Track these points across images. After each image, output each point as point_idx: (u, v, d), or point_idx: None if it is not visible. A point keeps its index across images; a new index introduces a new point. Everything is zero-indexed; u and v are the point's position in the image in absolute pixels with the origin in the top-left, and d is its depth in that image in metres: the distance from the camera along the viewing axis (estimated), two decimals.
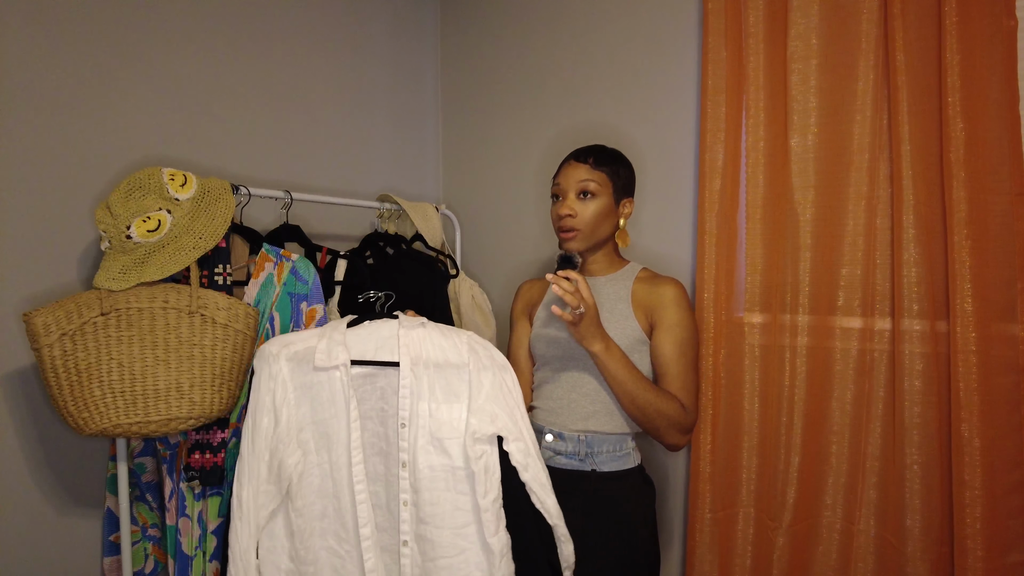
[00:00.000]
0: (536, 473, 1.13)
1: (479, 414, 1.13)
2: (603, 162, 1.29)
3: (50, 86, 1.28)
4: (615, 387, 1.20)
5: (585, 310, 1.12)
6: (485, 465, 1.11)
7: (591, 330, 1.15)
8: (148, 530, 1.36)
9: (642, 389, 1.18)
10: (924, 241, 1.16)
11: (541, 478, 1.14)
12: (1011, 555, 1.09)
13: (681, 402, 1.22)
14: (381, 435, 1.15)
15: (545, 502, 1.13)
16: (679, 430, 1.22)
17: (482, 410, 1.13)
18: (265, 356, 1.14)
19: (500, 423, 1.13)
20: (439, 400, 1.14)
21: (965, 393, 1.09)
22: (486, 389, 1.14)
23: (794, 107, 1.29)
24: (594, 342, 1.17)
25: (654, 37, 1.57)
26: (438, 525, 1.11)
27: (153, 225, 1.15)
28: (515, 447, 1.13)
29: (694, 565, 1.41)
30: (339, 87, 1.84)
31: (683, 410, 1.21)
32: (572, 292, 1.10)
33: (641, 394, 1.18)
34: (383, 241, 1.74)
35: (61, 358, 1.09)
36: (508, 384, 1.17)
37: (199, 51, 1.51)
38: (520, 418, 1.16)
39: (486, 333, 1.76)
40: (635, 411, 1.20)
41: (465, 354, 1.16)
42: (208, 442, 1.24)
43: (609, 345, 1.18)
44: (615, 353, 1.19)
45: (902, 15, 1.16)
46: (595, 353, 1.18)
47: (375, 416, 1.15)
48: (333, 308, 1.50)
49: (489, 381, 1.15)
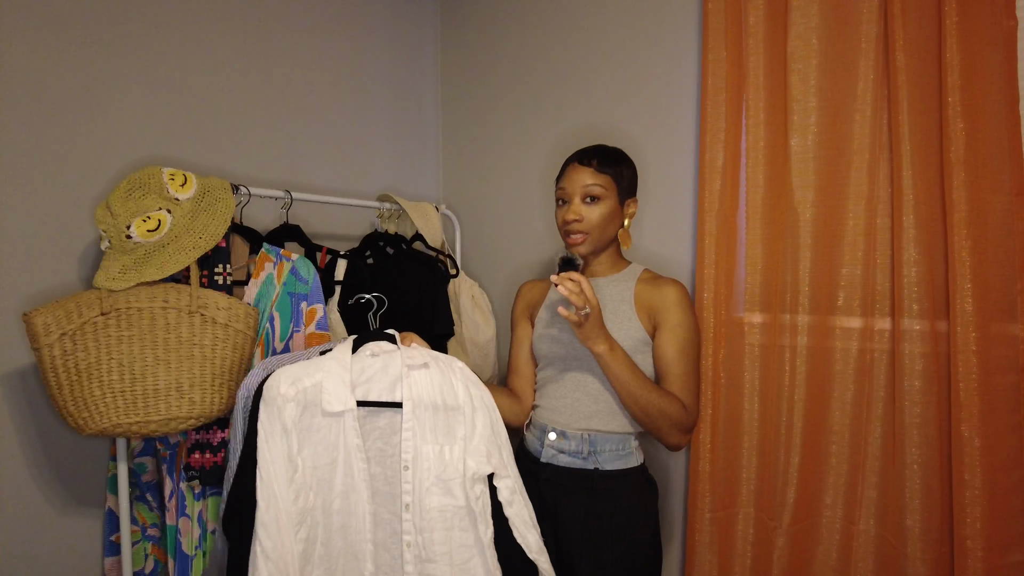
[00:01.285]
0: (520, 510, 1.18)
1: (475, 455, 1.17)
2: (607, 164, 1.28)
3: (50, 86, 1.28)
4: (618, 387, 1.20)
5: (590, 311, 1.13)
6: (484, 504, 1.15)
7: (595, 331, 1.16)
8: (148, 530, 1.36)
9: (645, 390, 1.19)
10: (924, 241, 1.16)
11: (524, 515, 1.18)
12: (1011, 555, 1.09)
13: (683, 402, 1.22)
14: (380, 476, 1.15)
15: (527, 537, 1.16)
16: (680, 430, 1.22)
17: (478, 451, 1.17)
18: (274, 399, 1.08)
19: (494, 461, 1.18)
20: (440, 442, 1.16)
21: (965, 393, 1.09)
22: (479, 430, 1.18)
23: (794, 107, 1.29)
24: (598, 343, 1.17)
25: (654, 37, 1.57)
26: (443, 563, 1.13)
27: (153, 225, 1.15)
28: (503, 484, 1.18)
29: (694, 565, 1.41)
30: (339, 87, 1.84)
31: (685, 410, 1.22)
32: (577, 293, 1.11)
33: (644, 394, 1.18)
34: (383, 241, 1.74)
35: (61, 358, 1.09)
36: (496, 424, 1.21)
37: (199, 51, 1.51)
38: (507, 456, 1.21)
39: (486, 332, 1.76)
40: (638, 411, 1.20)
41: (462, 396, 1.19)
42: (208, 442, 1.24)
43: (613, 346, 1.19)
44: (619, 354, 1.19)
45: (902, 15, 1.16)
46: (599, 354, 1.18)
47: (374, 457, 1.15)
48: (333, 308, 1.50)
49: (482, 422, 1.19)
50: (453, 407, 1.18)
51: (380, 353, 1.17)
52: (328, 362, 1.13)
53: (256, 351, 1.30)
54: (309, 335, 1.38)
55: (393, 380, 1.17)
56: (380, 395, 1.16)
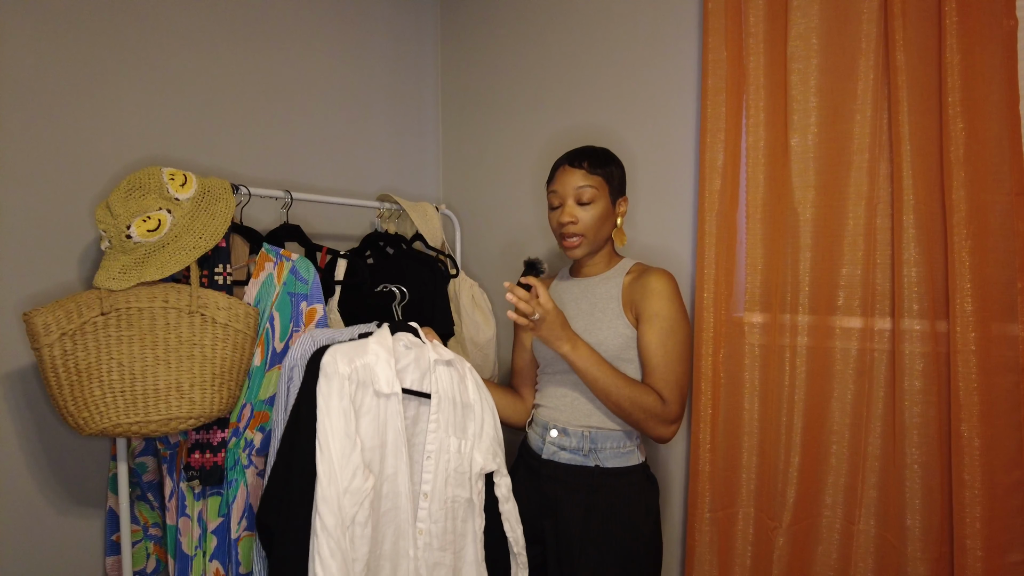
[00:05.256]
0: (513, 507, 1.26)
1: (484, 452, 1.24)
2: (598, 165, 1.29)
3: (50, 86, 1.28)
4: (589, 384, 1.21)
5: (543, 315, 1.15)
6: (482, 498, 1.23)
7: (555, 332, 1.18)
8: (150, 529, 1.36)
9: (615, 384, 1.19)
10: (924, 241, 1.15)
11: (516, 513, 1.26)
12: (1011, 555, 1.09)
13: (659, 393, 1.21)
14: None
15: (516, 532, 1.25)
16: (660, 421, 1.22)
17: (486, 448, 1.24)
18: (333, 375, 1.08)
19: (498, 460, 1.25)
20: (459, 437, 1.22)
21: (965, 393, 1.09)
22: (486, 429, 1.26)
23: (794, 107, 1.29)
24: (561, 344, 1.19)
25: (654, 37, 1.57)
26: (449, 551, 1.19)
27: (153, 225, 1.15)
28: (503, 482, 1.25)
29: (694, 565, 1.41)
30: (339, 87, 1.84)
31: (660, 401, 1.21)
32: (526, 300, 1.14)
33: (615, 389, 1.19)
34: (383, 241, 1.74)
35: (61, 358, 1.09)
36: (498, 425, 1.29)
37: (199, 51, 1.51)
38: (503, 456, 1.28)
39: (486, 332, 1.77)
40: (612, 406, 1.21)
41: (472, 395, 1.26)
42: (208, 442, 1.24)
43: (576, 344, 1.20)
44: (582, 352, 1.20)
45: (902, 15, 1.16)
46: (564, 354, 1.20)
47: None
48: (333, 308, 1.50)
49: (489, 422, 1.26)
50: (467, 404, 1.24)
51: (412, 346, 1.21)
52: (373, 346, 1.16)
53: (256, 351, 1.30)
54: None
55: (424, 372, 1.21)
56: (412, 384, 1.19)
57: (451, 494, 1.19)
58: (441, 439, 1.20)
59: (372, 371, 1.13)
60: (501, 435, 1.29)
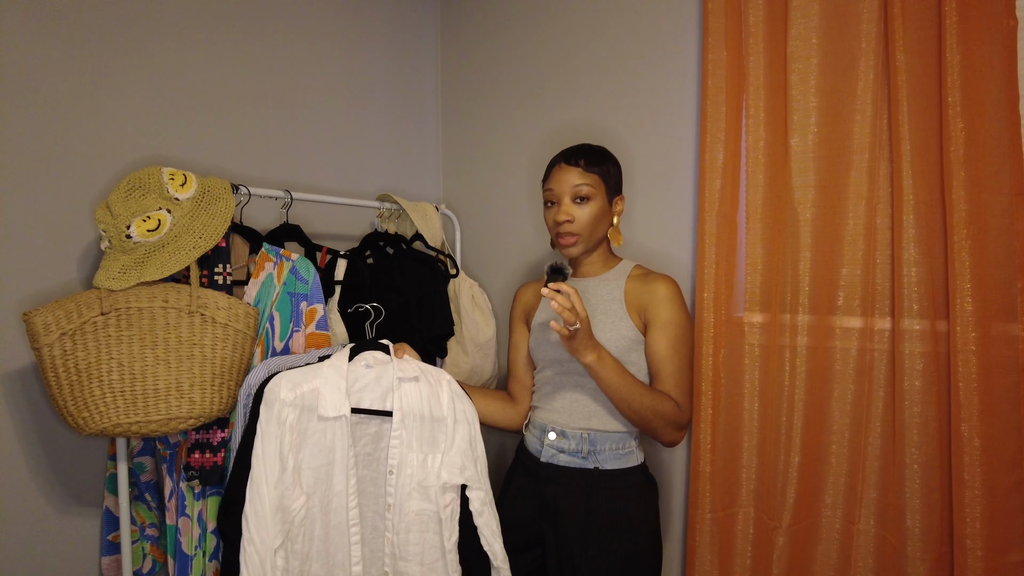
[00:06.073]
0: (488, 520, 1.25)
1: (450, 466, 1.24)
2: (594, 163, 1.29)
3: (50, 86, 1.28)
4: (610, 394, 1.20)
5: (580, 325, 1.12)
6: (452, 511, 1.24)
7: (584, 342, 1.16)
8: (146, 529, 1.36)
9: (637, 393, 1.19)
10: (924, 241, 1.15)
11: (492, 525, 1.25)
12: (1011, 555, 1.09)
13: (676, 400, 1.23)
14: (367, 478, 1.23)
15: (493, 546, 1.25)
16: (675, 427, 1.23)
17: (453, 462, 1.25)
18: (273, 402, 1.14)
19: (467, 473, 1.25)
20: (424, 451, 1.24)
21: (965, 393, 1.09)
22: (458, 442, 1.26)
23: (794, 107, 1.29)
24: (587, 353, 1.17)
25: (654, 37, 1.57)
26: (415, 561, 1.22)
27: (153, 225, 1.15)
28: (475, 495, 1.25)
29: (694, 565, 1.41)
30: (339, 87, 1.84)
31: (678, 408, 1.22)
32: (569, 309, 1.09)
33: (636, 398, 1.19)
34: (383, 241, 1.74)
35: (61, 357, 1.09)
36: (475, 438, 1.29)
37: (199, 51, 1.51)
38: (481, 469, 1.28)
39: (486, 332, 1.76)
40: (631, 414, 1.20)
41: (446, 407, 1.27)
42: (208, 441, 1.24)
43: (601, 355, 1.19)
44: (607, 362, 1.19)
45: (902, 15, 1.16)
46: (588, 364, 1.18)
47: (363, 460, 1.23)
48: (333, 307, 1.50)
49: (461, 435, 1.27)
50: (438, 418, 1.25)
51: (375, 364, 1.24)
52: (326, 369, 1.20)
53: (256, 351, 1.30)
54: (309, 335, 1.38)
55: (385, 391, 1.24)
56: (372, 403, 1.23)
57: (415, 507, 1.22)
58: (403, 454, 1.23)
59: (318, 395, 1.16)
60: (480, 447, 1.29)
